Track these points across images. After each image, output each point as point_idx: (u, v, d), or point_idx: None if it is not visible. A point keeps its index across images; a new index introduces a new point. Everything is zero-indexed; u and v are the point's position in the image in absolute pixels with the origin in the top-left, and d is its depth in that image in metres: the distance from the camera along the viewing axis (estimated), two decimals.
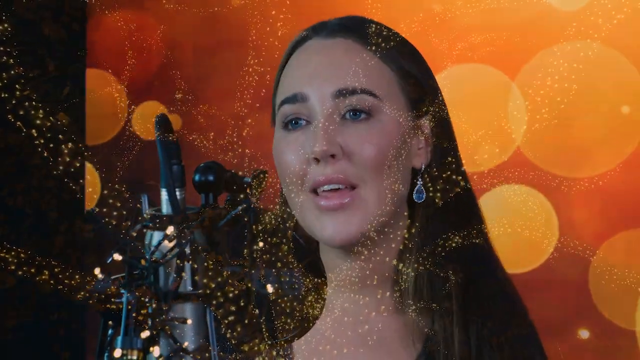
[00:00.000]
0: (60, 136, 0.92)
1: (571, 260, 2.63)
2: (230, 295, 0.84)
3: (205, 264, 0.85)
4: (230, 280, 0.85)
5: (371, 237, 1.16)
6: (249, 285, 0.88)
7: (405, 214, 1.20)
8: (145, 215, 0.85)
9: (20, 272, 0.92)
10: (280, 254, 1.12)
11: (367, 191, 1.14)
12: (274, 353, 1.07)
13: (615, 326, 2.63)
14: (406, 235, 1.19)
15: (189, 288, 0.85)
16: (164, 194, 0.86)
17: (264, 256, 0.99)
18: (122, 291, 0.82)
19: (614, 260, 2.59)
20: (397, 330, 1.19)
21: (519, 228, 2.41)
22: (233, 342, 0.89)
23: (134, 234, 0.84)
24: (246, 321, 0.87)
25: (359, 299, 1.20)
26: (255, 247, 0.93)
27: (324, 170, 1.13)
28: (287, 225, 1.17)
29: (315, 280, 1.19)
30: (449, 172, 1.19)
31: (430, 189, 1.19)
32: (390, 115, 1.16)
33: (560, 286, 2.67)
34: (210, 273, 0.83)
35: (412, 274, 1.17)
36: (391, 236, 1.18)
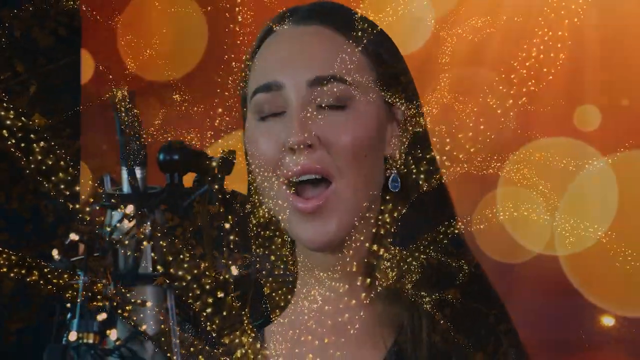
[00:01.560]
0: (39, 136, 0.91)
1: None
2: (207, 287, 0.80)
3: (168, 246, 0.82)
4: (204, 270, 0.82)
5: (364, 251, 1.14)
6: (226, 275, 0.85)
7: (380, 199, 1.17)
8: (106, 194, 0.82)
9: (12, 274, 0.91)
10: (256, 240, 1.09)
11: (343, 185, 1.11)
12: (258, 345, 1.03)
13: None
14: (380, 222, 1.16)
15: (150, 270, 0.81)
16: (124, 173, 0.82)
17: (234, 240, 0.95)
18: (79, 272, 0.78)
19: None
20: (370, 320, 1.16)
21: (525, 212, 2.37)
22: (213, 334, 0.85)
23: (90, 214, 0.81)
24: (225, 313, 0.84)
25: (334, 286, 1.17)
26: (229, 234, 0.91)
27: (298, 160, 1.10)
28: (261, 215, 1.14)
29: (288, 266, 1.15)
30: (421, 159, 1.16)
31: (404, 176, 1.16)
32: (366, 103, 1.13)
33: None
34: (171, 256, 0.80)
35: (385, 261, 1.13)
36: (369, 222, 1.15)
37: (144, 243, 0.81)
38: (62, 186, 0.85)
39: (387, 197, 1.16)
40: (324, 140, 1.10)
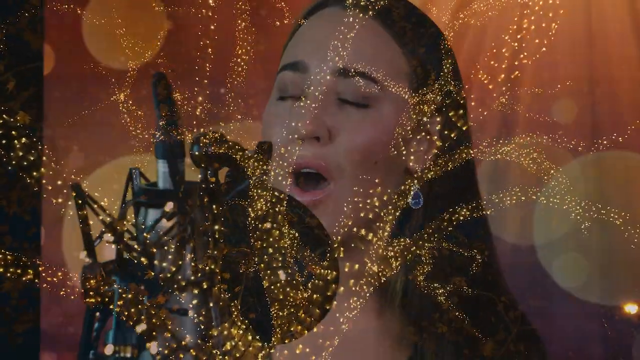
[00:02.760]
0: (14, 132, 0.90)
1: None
2: (192, 277, 0.73)
3: (209, 247, 0.74)
4: (231, 262, 0.75)
5: (350, 236, 1.05)
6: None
7: (393, 211, 1.08)
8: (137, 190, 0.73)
9: (8, 274, 0.90)
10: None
11: (343, 187, 1.02)
12: (249, 337, 0.94)
13: None
14: (392, 235, 1.08)
15: (189, 275, 0.73)
16: (161, 166, 0.74)
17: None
18: (114, 278, 0.70)
19: None
20: (381, 339, 1.08)
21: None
22: (201, 326, 0.79)
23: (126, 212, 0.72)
24: (211, 304, 0.77)
25: (341, 302, 1.09)
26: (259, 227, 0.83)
27: (304, 152, 1.02)
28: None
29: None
30: (457, 182, 1.08)
31: (431, 195, 1.07)
32: (392, 107, 1.04)
33: None
34: (212, 255, 0.72)
35: (399, 278, 1.06)
36: (377, 236, 1.07)
37: (188, 244, 0.72)
38: (44, 181, 0.83)
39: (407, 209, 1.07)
40: (334, 136, 1.02)
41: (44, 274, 0.89)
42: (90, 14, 2.68)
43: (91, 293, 0.71)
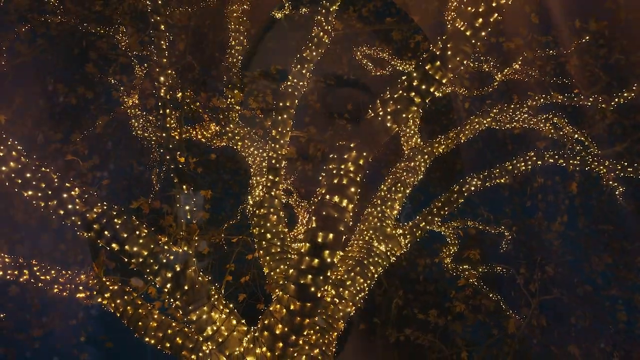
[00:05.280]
0: None
1: None
2: (164, 260, 0.72)
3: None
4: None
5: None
6: (186, 248, 0.78)
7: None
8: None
9: (8, 277, 0.95)
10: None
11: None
12: (234, 322, 0.90)
13: None
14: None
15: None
16: (184, 199, 0.71)
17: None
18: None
19: None
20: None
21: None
22: (179, 312, 0.78)
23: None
24: (186, 287, 0.76)
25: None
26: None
27: (289, 172, 0.98)
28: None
29: None
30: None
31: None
32: (374, 112, 1.00)
33: None
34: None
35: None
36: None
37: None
38: (17, 179, 0.85)
39: None
40: (322, 154, 0.98)
41: (38, 274, 0.92)
42: None
43: (80, 288, 0.71)
